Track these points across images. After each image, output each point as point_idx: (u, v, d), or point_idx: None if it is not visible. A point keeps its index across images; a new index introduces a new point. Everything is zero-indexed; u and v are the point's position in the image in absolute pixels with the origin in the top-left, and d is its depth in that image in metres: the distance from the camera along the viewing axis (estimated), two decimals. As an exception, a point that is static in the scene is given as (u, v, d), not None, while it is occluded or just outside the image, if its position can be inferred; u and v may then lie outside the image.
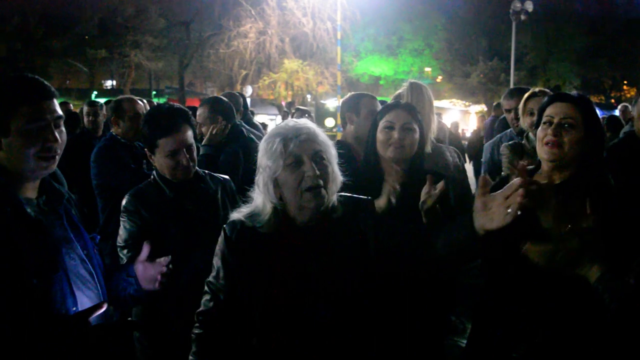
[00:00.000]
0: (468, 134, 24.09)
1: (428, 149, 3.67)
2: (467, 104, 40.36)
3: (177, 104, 3.57)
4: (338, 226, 2.40)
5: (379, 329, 2.49)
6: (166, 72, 42.03)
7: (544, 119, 2.70)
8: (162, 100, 31.16)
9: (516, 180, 2.00)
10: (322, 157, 2.33)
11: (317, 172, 2.28)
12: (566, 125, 2.62)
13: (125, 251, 3.24)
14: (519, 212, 1.97)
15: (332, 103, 33.72)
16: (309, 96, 37.58)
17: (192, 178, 3.34)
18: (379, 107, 4.47)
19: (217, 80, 40.52)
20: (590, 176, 2.62)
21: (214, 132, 4.64)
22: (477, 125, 20.09)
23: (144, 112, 5.19)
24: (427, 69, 40.79)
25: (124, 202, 3.30)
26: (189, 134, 3.26)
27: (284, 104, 35.31)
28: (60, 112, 2.33)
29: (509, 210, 1.97)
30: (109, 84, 47.95)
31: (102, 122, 6.80)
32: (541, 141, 2.67)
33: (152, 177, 3.38)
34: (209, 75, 40.84)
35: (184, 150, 3.22)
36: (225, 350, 2.48)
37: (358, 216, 2.47)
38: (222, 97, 5.34)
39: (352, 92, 4.66)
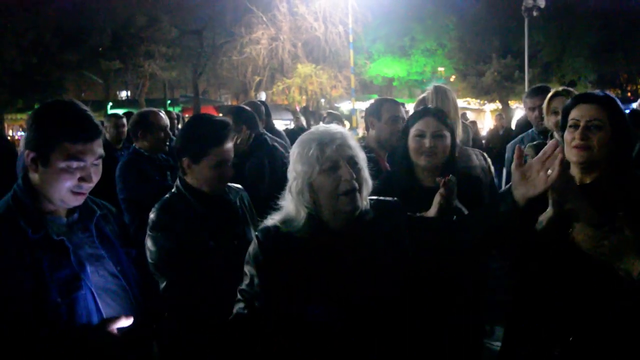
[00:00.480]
0: (483, 133, 23.96)
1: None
2: (481, 102, 40.13)
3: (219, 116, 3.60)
4: (371, 229, 2.44)
5: (413, 331, 2.51)
6: (180, 81, 42.23)
7: (570, 122, 2.69)
8: (177, 109, 31.33)
9: (551, 143, 2.03)
10: (356, 162, 2.37)
11: (354, 176, 2.31)
12: (592, 127, 2.60)
13: (164, 271, 3.10)
14: (560, 172, 2.00)
15: (347, 106, 33.74)
16: (322, 100, 37.57)
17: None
18: (402, 111, 4.50)
19: (231, 87, 40.72)
20: (620, 175, 2.61)
21: (238, 141, 4.64)
22: (494, 124, 19.97)
23: (168, 124, 5.25)
24: (440, 69, 40.65)
25: (152, 216, 3.22)
26: (232, 146, 3.27)
27: (298, 108, 35.37)
28: (101, 151, 2.38)
29: (550, 173, 2.00)
30: (123, 94, 48.27)
31: (124, 134, 6.86)
32: (569, 144, 2.65)
33: (176, 189, 3.32)
34: (223, 82, 41.02)
35: (229, 162, 3.22)
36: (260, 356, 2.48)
37: (390, 218, 2.50)
38: (244, 106, 5.36)
39: (376, 97, 4.70)
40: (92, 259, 2.44)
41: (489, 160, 4.19)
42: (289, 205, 2.46)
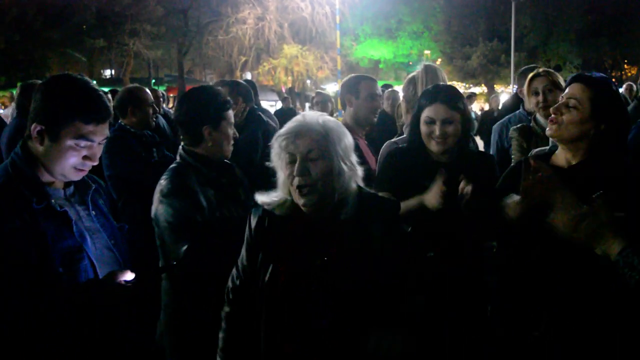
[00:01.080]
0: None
1: None
2: (467, 85, 40.23)
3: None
4: (349, 228, 2.41)
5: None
6: (165, 60, 41.97)
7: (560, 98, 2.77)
8: (161, 89, 31.12)
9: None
10: (319, 156, 2.34)
11: (303, 172, 2.32)
12: (569, 105, 2.67)
13: (184, 234, 3.10)
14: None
15: (332, 88, 33.68)
16: (309, 81, 37.50)
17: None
18: (379, 89, 4.52)
19: (216, 67, 40.46)
20: (606, 158, 2.63)
21: (233, 112, 4.66)
22: (489, 106, 19.83)
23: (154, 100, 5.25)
24: (427, 52, 40.63)
25: (164, 183, 3.22)
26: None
27: (284, 89, 35.26)
28: (107, 132, 2.41)
29: None
30: (107, 73, 47.89)
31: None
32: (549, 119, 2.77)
33: (180, 160, 3.36)
34: (208, 62, 40.75)
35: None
36: (248, 325, 2.53)
37: (375, 216, 2.47)
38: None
39: (351, 75, 4.68)
40: (89, 231, 2.47)
41: (476, 142, 4.21)
42: (279, 187, 2.50)
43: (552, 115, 2.70)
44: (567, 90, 2.73)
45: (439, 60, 39.77)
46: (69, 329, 2.29)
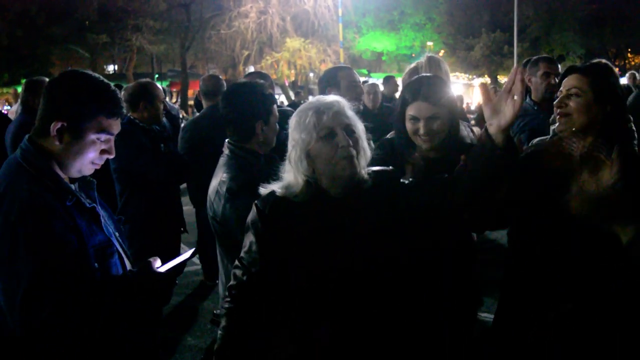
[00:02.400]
0: (472, 107, 23.98)
1: None
2: (470, 77, 40.13)
3: None
4: (369, 196, 2.46)
5: (411, 298, 2.55)
6: (168, 55, 41.86)
7: (558, 93, 2.81)
8: (164, 84, 31.11)
9: (514, 69, 2.12)
10: (353, 131, 2.40)
11: (349, 143, 2.34)
12: (571, 95, 2.72)
13: None
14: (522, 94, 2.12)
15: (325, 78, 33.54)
16: (311, 74, 37.42)
17: None
18: (357, 76, 4.52)
19: (219, 61, 40.33)
20: (612, 142, 2.65)
21: None
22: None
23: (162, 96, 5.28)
24: (430, 43, 40.50)
25: (233, 184, 3.18)
26: None
27: (287, 83, 35.21)
28: (120, 128, 2.43)
29: (516, 97, 2.09)
30: (110, 68, 47.82)
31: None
32: (556, 115, 2.78)
33: (231, 155, 3.35)
34: (211, 56, 40.64)
35: None
36: (254, 324, 2.53)
37: (387, 187, 2.52)
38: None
39: (328, 68, 4.68)
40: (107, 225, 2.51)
41: (475, 131, 4.20)
42: (288, 175, 2.49)
43: (559, 110, 2.73)
44: (563, 84, 2.78)
45: (442, 51, 39.66)
46: (120, 325, 2.31)
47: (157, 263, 2.40)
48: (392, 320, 2.47)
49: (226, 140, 3.43)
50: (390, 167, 2.68)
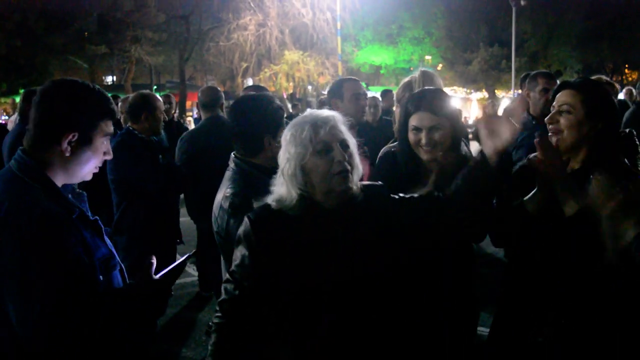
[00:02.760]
0: (470, 122, 24.07)
1: None
2: (468, 91, 40.25)
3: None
4: (362, 209, 2.46)
5: (405, 311, 2.55)
6: (167, 66, 42.00)
7: (551, 109, 2.80)
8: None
9: (517, 98, 2.13)
10: (347, 145, 2.40)
11: (346, 158, 2.35)
12: (562, 112, 2.70)
13: None
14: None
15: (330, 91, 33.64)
16: (310, 87, 37.54)
17: None
18: (362, 88, 4.55)
19: (217, 73, 40.50)
20: (605, 159, 2.65)
21: None
22: (485, 111, 19.94)
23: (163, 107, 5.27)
24: (428, 57, 40.69)
25: (236, 200, 3.10)
26: None
27: (285, 95, 35.31)
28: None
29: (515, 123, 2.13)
30: (109, 79, 47.92)
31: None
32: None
33: (238, 170, 3.25)
34: (209, 68, 40.82)
35: None
36: (245, 339, 2.51)
37: (378, 200, 2.53)
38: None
39: (327, 80, 4.74)
40: None
41: (470, 145, 4.20)
42: (281, 188, 2.46)
43: (551, 127, 2.72)
44: (556, 100, 2.77)
45: (440, 65, 39.83)
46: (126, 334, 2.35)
47: (154, 265, 2.44)
48: (387, 331, 2.47)
49: (232, 153, 3.32)
50: (379, 182, 2.69)
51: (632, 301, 2.49)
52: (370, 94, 9.82)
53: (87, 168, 2.37)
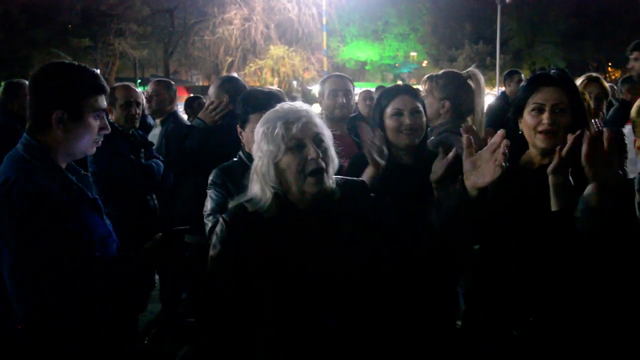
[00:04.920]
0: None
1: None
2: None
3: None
4: (338, 208, 2.40)
5: (382, 315, 2.50)
6: (151, 60, 41.72)
7: (532, 105, 2.62)
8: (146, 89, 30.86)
9: (499, 133, 2.09)
10: (322, 140, 2.33)
11: (320, 155, 2.28)
12: (558, 111, 2.56)
13: (210, 217, 3.32)
14: (505, 165, 2.11)
15: (319, 89, 33.67)
16: (295, 82, 37.48)
17: None
18: (345, 84, 4.55)
19: (202, 67, 40.33)
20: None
21: (211, 107, 4.54)
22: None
23: (141, 99, 5.17)
24: (413, 54, 40.80)
25: (211, 176, 3.42)
26: None
27: (270, 90, 35.18)
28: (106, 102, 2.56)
29: (497, 164, 2.06)
30: (93, 73, 47.54)
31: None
32: (533, 129, 2.59)
33: (238, 158, 3.51)
34: (194, 62, 40.59)
35: None
36: (223, 340, 2.49)
37: (356, 197, 2.47)
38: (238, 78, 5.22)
39: (320, 74, 4.78)
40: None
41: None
42: (254, 186, 2.40)
43: (548, 127, 2.54)
44: (541, 96, 2.61)
45: (425, 62, 39.93)
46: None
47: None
48: (371, 335, 2.41)
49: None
50: (360, 179, 2.66)
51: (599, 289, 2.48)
52: (363, 89, 9.86)
53: (84, 143, 2.47)
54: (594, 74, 4.64)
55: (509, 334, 2.63)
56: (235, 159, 3.51)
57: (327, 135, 2.37)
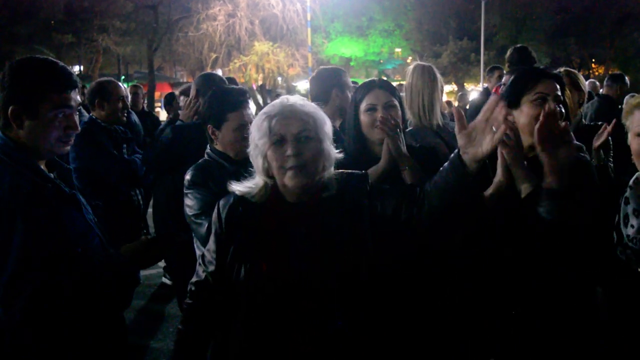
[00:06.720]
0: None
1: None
2: (438, 84, 40.46)
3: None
4: (330, 204, 2.39)
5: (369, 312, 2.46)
6: (135, 56, 41.53)
7: (534, 95, 2.69)
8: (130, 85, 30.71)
9: (492, 99, 2.06)
10: (307, 137, 2.32)
11: (298, 152, 2.28)
12: (557, 101, 2.67)
13: (202, 217, 3.25)
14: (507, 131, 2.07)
15: (303, 85, 33.61)
16: (279, 78, 37.42)
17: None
18: (327, 82, 4.53)
19: (186, 64, 40.11)
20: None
21: (189, 104, 4.57)
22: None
23: (126, 95, 5.18)
24: (397, 50, 40.83)
25: (188, 176, 3.39)
26: (251, 112, 3.45)
27: (255, 86, 35.14)
28: (79, 100, 2.50)
29: (495, 130, 2.01)
30: (76, 69, 47.16)
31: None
32: (535, 118, 2.60)
33: (207, 156, 3.50)
34: (178, 59, 40.41)
35: (249, 125, 3.29)
36: (211, 322, 2.53)
37: (351, 190, 2.43)
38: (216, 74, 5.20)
39: (305, 70, 4.77)
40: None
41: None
42: (256, 176, 2.46)
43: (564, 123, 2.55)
44: (544, 87, 2.69)
45: (410, 58, 39.95)
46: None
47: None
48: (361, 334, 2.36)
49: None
50: (362, 171, 2.56)
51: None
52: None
53: (48, 140, 2.40)
54: (570, 70, 4.67)
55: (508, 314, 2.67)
56: (206, 158, 3.50)
57: (320, 130, 2.36)
